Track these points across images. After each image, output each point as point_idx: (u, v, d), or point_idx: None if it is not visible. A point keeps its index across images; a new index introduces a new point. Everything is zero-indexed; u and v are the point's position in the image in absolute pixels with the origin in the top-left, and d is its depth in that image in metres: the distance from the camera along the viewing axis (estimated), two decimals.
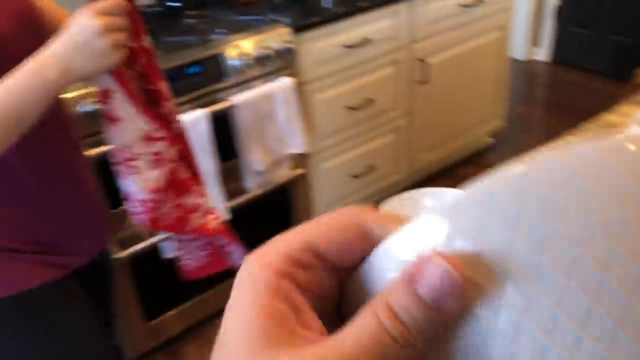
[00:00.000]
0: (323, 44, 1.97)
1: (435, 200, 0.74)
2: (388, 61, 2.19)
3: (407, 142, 2.44)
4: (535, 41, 3.84)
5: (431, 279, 0.19)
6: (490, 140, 2.91)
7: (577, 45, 3.63)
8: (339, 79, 2.07)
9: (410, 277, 0.20)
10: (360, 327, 0.20)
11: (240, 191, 1.86)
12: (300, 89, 1.95)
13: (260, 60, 1.76)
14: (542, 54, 3.84)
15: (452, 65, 2.43)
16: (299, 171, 2.01)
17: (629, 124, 0.86)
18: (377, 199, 2.49)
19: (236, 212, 1.84)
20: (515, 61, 3.79)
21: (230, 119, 1.71)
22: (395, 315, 0.19)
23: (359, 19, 2.02)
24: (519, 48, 3.80)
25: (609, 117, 1.15)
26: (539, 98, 3.56)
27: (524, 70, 3.80)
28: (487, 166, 1.04)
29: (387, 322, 0.19)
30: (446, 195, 0.74)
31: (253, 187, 1.86)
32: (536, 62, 3.86)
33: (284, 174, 1.95)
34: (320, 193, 2.21)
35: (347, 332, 0.20)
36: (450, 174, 2.71)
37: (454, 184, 1.01)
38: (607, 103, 1.96)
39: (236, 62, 1.71)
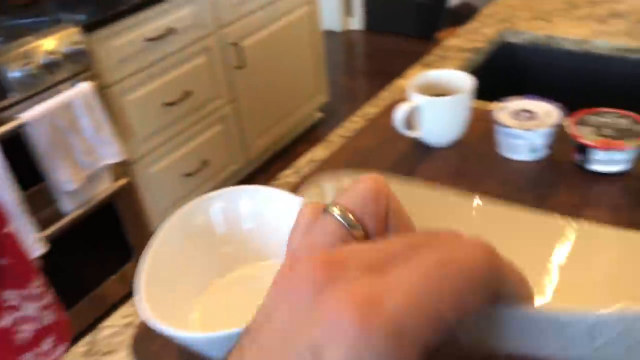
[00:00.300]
0: (123, 40, 1.81)
1: None
2: (199, 49, 2.08)
3: (236, 130, 2.36)
4: (348, 11, 3.93)
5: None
6: (320, 115, 2.93)
7: (386, 11, 3.77)
8: (149, 75, 1.92)
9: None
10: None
11: (57, 216, 1.66)
12: (106, 92, 1.77)
13: (49, 67, 1.56)
14: (356, 23, 3.94)
15: (267, 46, 2.38)
16: (122, 181, 1.84)
17: (407, 92, 0.85)
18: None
19: (56, 240, 1.64)
20: (332, 33, 3.86)
21: (24, 139, 1.50)
22: None
23: (157, 9, 1.88)
24: (333, 19, 3.86)
25: (400, 81, 1.16)
26: (359, 67, 3.66)
27: (342, 40, 3.88)
28: (320, 141, 1.00)
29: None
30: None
31: (70, 208, 1.67)
32: (352, 31, 3.96)
33: (105, 187, 1.77)
34: (154, 199, 2.06)
35: None
36: (287, 154, 2.69)
37: (291, 163, 0.95)
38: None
39: (18, 74, 1.50)
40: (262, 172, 2.58)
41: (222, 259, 0.67)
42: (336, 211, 0.24)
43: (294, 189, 0.83)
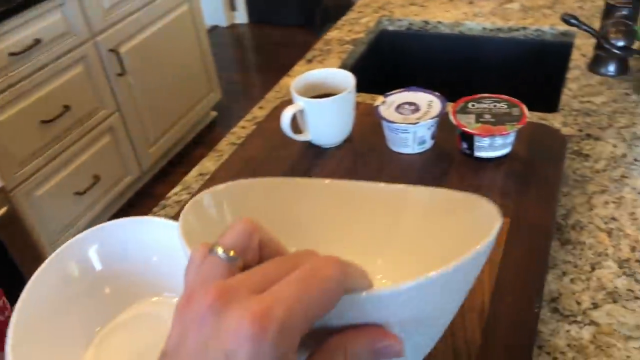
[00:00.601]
0: None
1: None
2: (73, 60, 1.94)
3: (126, 140, 2.24)
4: (231, 5, 3.85)
5: (384, 351, 0.30)
6: (214, 114, 2.85)
7: (269, 3, 3.73)
8: (19, 92, 1.77)
9: (374, 344, 0.30)
10: None
11: None
12: None
13: None
14: (241, 16, 3.87)
15: (149, 49, 2.27)
16: (1, 210, 1.69)
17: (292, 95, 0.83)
18: (122, 205, 2.27)
19: None
20: (218, 28, 3.77)
21: None
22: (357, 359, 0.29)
23: (17, 20, 1.73)
24: (217, 15, 3.77)
25: (286, 80, 1.14)
26: (249, 61, 3.60)
27: (229, 35, 3.80)
28: (218, 141, 0.96)
29: None
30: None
31: None
32: (237, 25, 3.89)
33: None
34: (44, 223, 1.92)
35: None
36: (187, 158, 2.60)
37: (192, 168, 0.90)
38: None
39: None
40: (160, 180, 2.48)
41: (107, 301, 0.61)
42: (220, 251, 0.31)
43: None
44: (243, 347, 0.25)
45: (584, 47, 1.14)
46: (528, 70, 1.26)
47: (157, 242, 0.62)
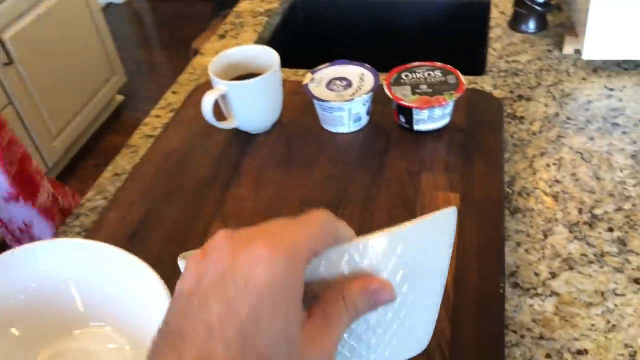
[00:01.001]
0: None
1: None
2: None
3: (25, 135, 2.05)
4: None
5: (377, 295, 0.32)
6: (121, 98, 2.68)
7: None
8: None
9: (366, 287, 0.32)
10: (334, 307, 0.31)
11: None
12: None
13: None
14: None
15: (37, 34, 2.07)
16: None
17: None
18: None
19: None
20: (114, 6, 3.53)
21: None
22: (354, 304, 0.32)
23: None
24: None
25: (199, 59, 1.05)
26: (151, 38, 3.40)
27: (127, 13, 3.56)
28: (129, 126, 0.85)
29: (349, 306, 0.31)
30: None
31: None
32: (133, 1, 3.66)
33: None
34: None
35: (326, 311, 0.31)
36: (96, 146, 2.42)
37: (104, 158, 0.79)
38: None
39: None
40: (71, 175, 2.30)
41: (17, 345, 0.52)
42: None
43: (102, 215, 0.70)
44: (259, 267, 0.28)
45: (501, 4, 1.12)
46: (448, 32, 1.23)
47: (73, 267, 0.53)
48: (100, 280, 0.53)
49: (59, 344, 0.54)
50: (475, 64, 1.09)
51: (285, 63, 0.80)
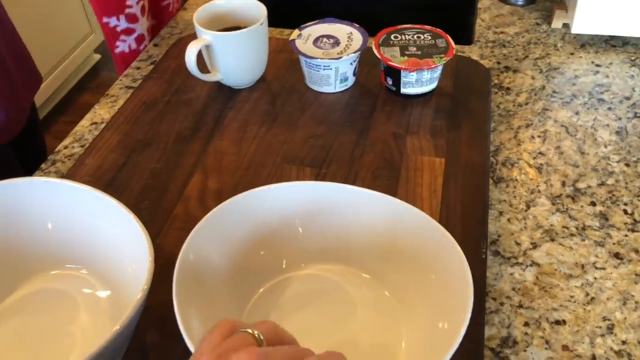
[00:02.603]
0: None
1: None
2: None
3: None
4: None
5: None
6: (97, 57, 2.60)
7: None
8: None
9: None
10: None
11: None
12: None
13: None
14: None
15: None
16: None
17: None
18: None
19: None
20: None
21: None
22: None
23: None
24: None
25: (182, 13, 1.01)
26: None
27: None
28: (105, 86, 0.83)
29: None
30: None
31: None
32: None
33: None
34: None
35: None
36: (70, 105, 2.35)
37: (79, 116, 0.77)
38: None
39: None
40: (43, 129, 2.23)
41: None
42: (251, 330, 0.34)
43: (79, 161, 0.67)
44: None
45: None
46: (438, 1, 1.21)
47: (51, 207, 0.51)
48: (79, 221, 0.51)
49: (35, 284, 0.52)
50: (463, 34, 1.08)
51: (272, 22, 0.78)
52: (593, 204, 0.66)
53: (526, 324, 0.54)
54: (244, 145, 0.68)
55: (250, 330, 0.33)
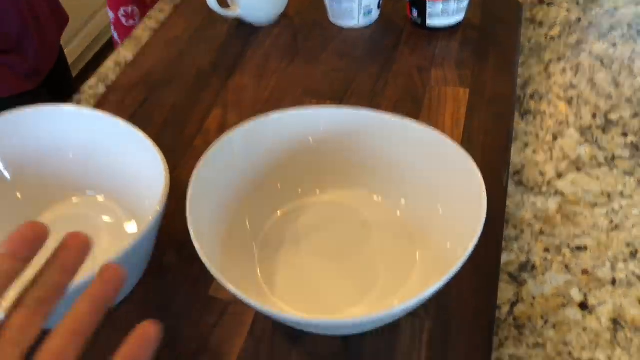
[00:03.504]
0: None
1: None
2: None
3: None
4: None
5: None
6: None
7: None
8: None
9: None
10: None
11: None
12: None
13: None
14: None
15: None
16: None
17: None
18: None
19: None
20: None
21: None
22: None
23: None
24: None
25: None
26: None
27: None
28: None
29: None
30: None
31: None
32: None
33: None
34: None
35: None
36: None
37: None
38: None
39: None
40: (74, 90, 2.27)
41: (19, 207, 0.52)
42: None
43: (103, 98, 0.68)
44: None
45: None
46: None
47: (73, 136, 0.52)
48: (100, 149, 0.52)
49: (58, 210, 0.54)
50: None
51: None
52: (624, 134, 0.63)
53: (546, 250, 0.53)
54: (264, 80, 0.68)
55: None
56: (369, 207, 0.52)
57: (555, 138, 0.64)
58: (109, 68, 0.77)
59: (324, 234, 0.50)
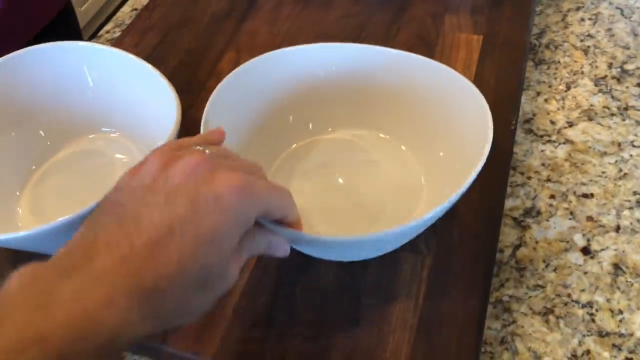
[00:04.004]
0: None
1: None
2: None
3: None
4: None
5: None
6: None
7: None
8: None
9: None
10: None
11: None
12: None
13: None
14: None
15: None
16: None
17: None
18: None
19: None
20: None
21: None
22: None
23: None
24: None
25: None
26: None
27: None
28: None
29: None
30: None
31: None
32: None
33: None
34: None
35: None
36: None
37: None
38: None
39: None
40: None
41: (39, 140, 0.54)
42: (199, 148, 0.34)
43: (118, 40, 0.69)
44: (232, 194, 0.29)
45: None
46: None
47: (90, 74, 0.53)
48: (116, 86, 0.53)
49: (75, 145, 0.55)
50: None
51: None
52: (639, 85, 0.63)
53: (552, 197, 0.53)
54: (277, 24, 0.68)
55: (200, 148, 0.33)
56: (377, 144, 0.52)
57: (568, 87, 0.63)
58: (126, 13, 0.78)
59: (333, 168, 0.51)
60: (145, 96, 0.51)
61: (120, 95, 0.54)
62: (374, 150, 0.52)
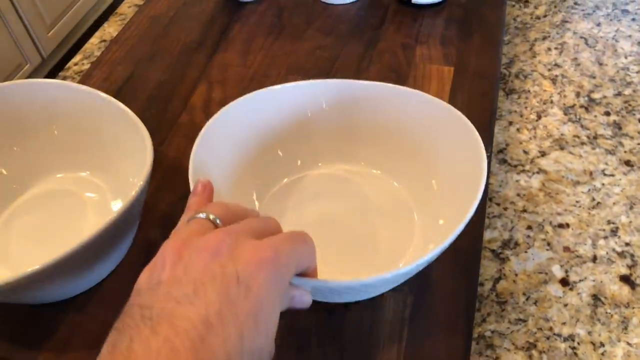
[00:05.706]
0: None
1: None
2: None
3: (20, 23, 1.99)
4: None
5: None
6: None
7: None
8: None
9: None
10: None
11: None
12: None
13: None
14: None
15: None
16: None
17: None
18: None
19: None
20: None
21: None
22: None
23: None
24: None
25: None
26: None
27: None
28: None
29: None
30: None
31: None
32: None
33: None
34: None
35: None
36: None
37: None
38: None
39: None
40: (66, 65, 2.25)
41: (5, 182, 0.52)
42: (204, 215, 0.32)
43: (87, 74, 0.68)
44: (262, 269, 0.28)
45: None
46: None
47: (58, 111, 0.52)
48: (84, 124, 0.51)
49: (42, 185, 0.53)
50: None
51: None
52: (607, 113, 0.64)
53: (529, 228, 0.53)
54: (249, 57, 0.68)
55: (204, 215, 0.32)
56: (368, 180, 0.52)
57: (539, 117, 0.64)
58: (94, 45, 0.76)
59: (324, 203, 0.51)
60: (115, 134, 0.50)
61: (89, 133, 0.52)
62: (366, 184, 0.52)
